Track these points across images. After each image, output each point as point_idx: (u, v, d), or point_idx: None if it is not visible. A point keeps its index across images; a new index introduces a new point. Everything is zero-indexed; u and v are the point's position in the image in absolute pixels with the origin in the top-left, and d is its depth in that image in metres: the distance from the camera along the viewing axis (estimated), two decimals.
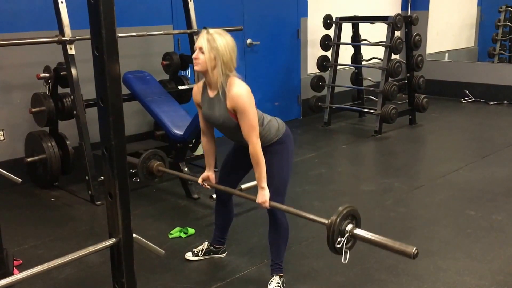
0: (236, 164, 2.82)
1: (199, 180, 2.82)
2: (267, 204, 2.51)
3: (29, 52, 4.24)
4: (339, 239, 2.11)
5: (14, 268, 2.84)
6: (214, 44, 2.40)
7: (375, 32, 6.69)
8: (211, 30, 2.44)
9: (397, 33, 6.12)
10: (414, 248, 1.95)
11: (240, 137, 2.54)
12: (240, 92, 2.42)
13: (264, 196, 2.51)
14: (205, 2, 5.37)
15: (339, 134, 6.16)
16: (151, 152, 3.07)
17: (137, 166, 3.01)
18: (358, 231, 2.13)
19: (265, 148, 2.59)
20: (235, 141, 2.74)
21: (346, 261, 2.09)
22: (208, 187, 2.83)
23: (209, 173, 2.79)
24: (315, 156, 5.20)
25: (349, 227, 2.13)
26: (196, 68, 2.48)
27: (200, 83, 2.61)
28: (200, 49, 2.43)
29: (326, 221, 2.15)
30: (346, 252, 2.12)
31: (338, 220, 2.10)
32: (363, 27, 6.69)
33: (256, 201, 2.53)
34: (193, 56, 2.47)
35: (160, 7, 5.19)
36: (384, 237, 2.08)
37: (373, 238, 2.10)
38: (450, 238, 3.33)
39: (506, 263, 2.99)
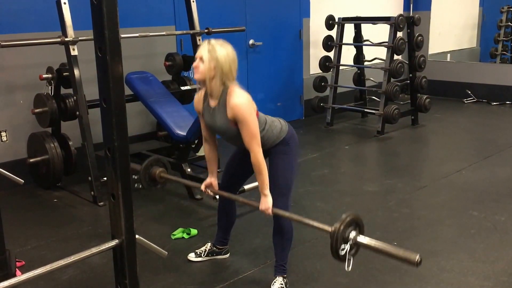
0: (239, 168, 2.83)
1: (202, 187, 2.82)
2: (270, 211, 2.52)
3: (32, 52, 4.24)
4: (342, 246, 2.10)
5: (17, 269, 2.83)
6: (215, 54, 2.41)
7: (377, 33, 6.68)
8: (212, 41, 2.45)
9: (399, 34, 6.11)
10: (418, 256, 1.94)
11: (242, 144, 2.54)
12: (239, 102, 2.42)
13: (266, 203, 2.52)
14: (208, 3, 5.37)
15: (341, 135, 6.16)
16: (154, 159, 3.05)
17: (140, 173, 2.99)
18: (361, 239, 2.12)
19: (269, 150, 2.61)
20: (237, 147, 2.75)
21: (350, 269, 2.08)
22: (211, 193, 2.84)
23: (212, 180, 2.79)
24: (318, 157, 5.19)
25: (353, 234, 2.12)
26: (195, 76, 2.50)
27: (202, 92, 2.61)
28: (201, 58, 2.44)
29: (329, 229, 2.15)
30: (349, 260, 2.11)
31: (341, 227, 2.09)
32: (365, 28, 6.69)
33: (259, 208, 2.54)
34: (194, 65, 2.48)
35: (163, 8, 5.19)
36: (387, 244, 2.07)
37: (376, 245, 2.09)
38: (453, 238, 3.32)
39: (510, 264, 2.98)
